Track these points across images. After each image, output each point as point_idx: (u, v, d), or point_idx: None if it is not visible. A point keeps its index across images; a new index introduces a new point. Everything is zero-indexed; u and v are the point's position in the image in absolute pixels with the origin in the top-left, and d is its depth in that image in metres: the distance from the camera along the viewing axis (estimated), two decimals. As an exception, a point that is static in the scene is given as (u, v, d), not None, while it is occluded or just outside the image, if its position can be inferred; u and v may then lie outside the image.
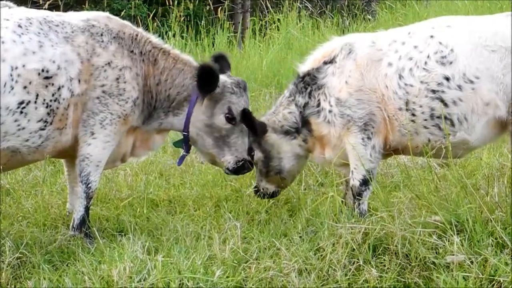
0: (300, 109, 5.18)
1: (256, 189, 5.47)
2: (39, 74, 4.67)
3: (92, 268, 4.20)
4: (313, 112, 5.12)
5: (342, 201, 5.05)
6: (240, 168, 5.32)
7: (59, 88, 4.76)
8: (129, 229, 4.89)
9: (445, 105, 4.75)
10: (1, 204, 5.55)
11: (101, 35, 5.03)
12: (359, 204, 5.00)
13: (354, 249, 4.19)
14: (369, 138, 4.92)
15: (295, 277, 4.05)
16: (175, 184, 6.26)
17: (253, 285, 4.04)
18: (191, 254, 4.30)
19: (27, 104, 4.65)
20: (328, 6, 13.79)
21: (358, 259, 4.14)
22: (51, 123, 4.79)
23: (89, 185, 5.01)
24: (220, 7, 12.24)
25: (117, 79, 4.99)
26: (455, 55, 4.75)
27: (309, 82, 5.14)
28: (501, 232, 4.10)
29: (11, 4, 6.02)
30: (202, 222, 5.12)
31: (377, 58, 4.94)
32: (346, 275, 4.07)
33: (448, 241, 4.12)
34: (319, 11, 13.59)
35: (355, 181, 5.01)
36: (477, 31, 4.80)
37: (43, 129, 4.76)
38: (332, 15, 12.83)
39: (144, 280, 4.01)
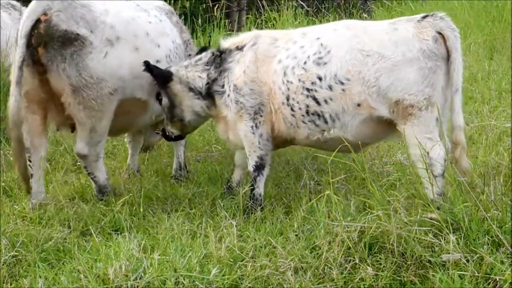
0: (209, 81, 5.53)
1: (163, 131, 5.91)
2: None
3: (88, 266, 4.20)
4: (218, 90, 5.50)
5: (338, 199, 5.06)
6: None
7: None
8: (125, 227, 4.88)
9: (318, 103, 5.02)
10: (-3, 202, 5.54)
11: None
12: (253, 189, 5.40)
13: (350, 248, 4.19)
14: (257, 126, 5.30)
15: (291, 275, 4.05)
16: (171, 182, 6.26)
17: (249, 283, 4.04)
18: (187, 252, 4.30)
19: None
20: (324, 4, 13.76)
21: (354, 257, 4.14)
22: None
23: None
24: (217, 5, 12.23)
25: None
26: (330, 57, 4.99)
27: (223, 61, 5.51)
28: (497, 230, 4.10)
29: (13, 2, 6.23)
30: (198, 220, 5.11)
31: (272, 55, 5.28)
32: (342, 273, 4.08)
33: (444, 240, 4.12)
34: (315, 10, 13.56)
35: (250, 167, 5.44)
36: (360, 36, 4.96)
37: None
38: (329, 14, 12.82)
39: (140, 278, 4.01)
